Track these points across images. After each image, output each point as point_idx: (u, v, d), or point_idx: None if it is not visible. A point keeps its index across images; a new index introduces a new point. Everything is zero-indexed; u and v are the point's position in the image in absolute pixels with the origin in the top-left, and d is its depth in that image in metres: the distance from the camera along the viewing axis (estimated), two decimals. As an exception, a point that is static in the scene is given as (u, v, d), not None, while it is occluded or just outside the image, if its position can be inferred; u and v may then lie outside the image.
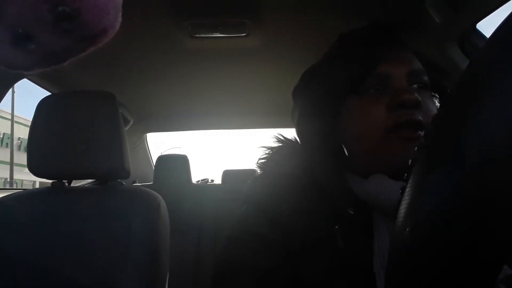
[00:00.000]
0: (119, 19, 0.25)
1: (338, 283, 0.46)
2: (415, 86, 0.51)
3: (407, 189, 0.22)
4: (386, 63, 0.50)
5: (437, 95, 0.56)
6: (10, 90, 1.19)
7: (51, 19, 0.21)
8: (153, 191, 1.01)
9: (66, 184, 1.05)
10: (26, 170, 0.99)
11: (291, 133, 0.62)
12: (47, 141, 0.96)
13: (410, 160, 0.24)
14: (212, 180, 2.45)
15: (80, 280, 0.88)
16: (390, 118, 0.48)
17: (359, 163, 0.52)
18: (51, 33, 0.22)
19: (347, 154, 0.53)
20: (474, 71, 0.20)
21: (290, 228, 0.50)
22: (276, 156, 0.58)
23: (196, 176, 2.78)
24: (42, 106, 0.97)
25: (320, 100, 0.55)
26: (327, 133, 0.55)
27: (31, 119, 0.98)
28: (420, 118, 0.47)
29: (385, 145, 0.48)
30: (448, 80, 0.57)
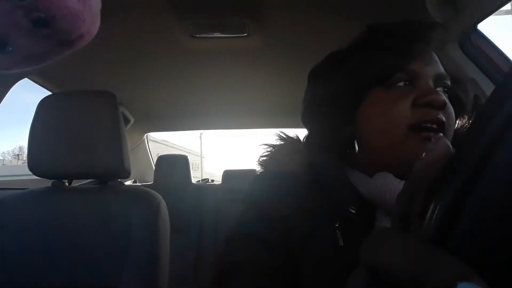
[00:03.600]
0: (97, 24, 0.26)
1: (338, 282, 0.46)
2: (439, 89, 0.51)
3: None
4: (418, 60, 0.50)
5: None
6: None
7: (27, 25, 0.22)
8: (153, 191, 1.01)
9: (67, 183, 1.05)
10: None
11: (293, 133, 0.61)
12: (48, 140, 0.96)
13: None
14: (212, 180, 2.46)
15: (80, 280, 0.88)
16: (415, 115, 0.48)
17: (369, 159, 0.52)
18: (28, 37, 0.23)
19: (357, 148, 0.53)
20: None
21: (290, 226, 0.50)
22: (278, 154, 0.58)
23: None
24: (43, 105, 0.97)
25: (344, 88, 0.54)
26: (340, 124, 0.54)
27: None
28: (444, 119, 0.47)
29: (406, 142, 0.47)
30: (462, 90, 0.57)
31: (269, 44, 1.19)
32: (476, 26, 0.89)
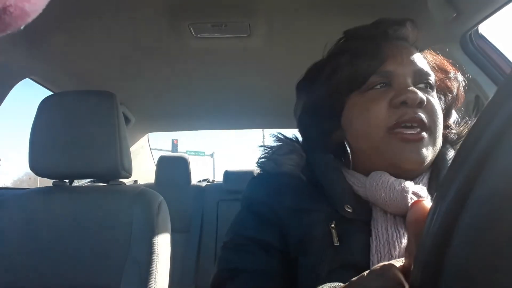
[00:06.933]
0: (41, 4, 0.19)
1: (334, 281, 0.46)
2: (421, 85, 0.51)
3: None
4: (392, 60, 0.50)
5: (442, 96, 0.55)
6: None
7: None
8: (154, 191, 1.01)
9: (68, 183, 1.05)
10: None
11: (291, 133, 0.62)
12: (49, 140, 0.96)
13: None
14: (213, 180, 2.46)
15: (81, 280, 0.88)
16: (393, 116, 0.48)
17: (362, 160, 0.52)
18: None
19: (349, 151, 0.53)
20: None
21: (287, 227, 0.50)
22: (275, 155, 0.58)
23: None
24: (44, 105, 0.97)
25: (325, 96, 0.54)
26: (330, 129, 0.55)
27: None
28: (423, 117, 0.47)
29: (386, 144, 0.48)
30: (451, 80, 0.56)
31: (271, 44, 1.19)
32: (478, 27, 0.89)
